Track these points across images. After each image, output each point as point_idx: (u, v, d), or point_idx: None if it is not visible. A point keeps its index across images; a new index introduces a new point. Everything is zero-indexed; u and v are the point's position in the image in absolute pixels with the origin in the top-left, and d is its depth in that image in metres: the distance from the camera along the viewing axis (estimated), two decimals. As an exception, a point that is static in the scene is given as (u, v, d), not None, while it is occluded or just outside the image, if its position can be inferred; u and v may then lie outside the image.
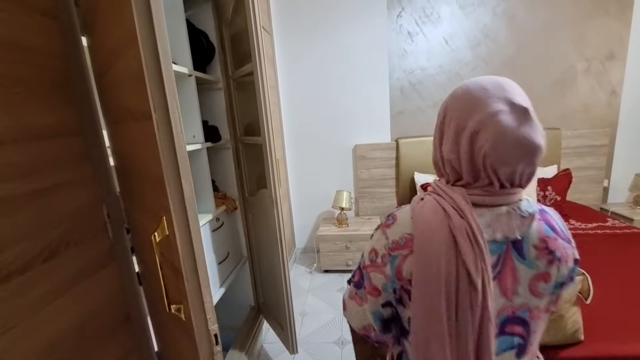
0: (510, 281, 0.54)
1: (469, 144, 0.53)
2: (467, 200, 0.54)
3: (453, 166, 0.56)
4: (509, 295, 0.55)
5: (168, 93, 0.64)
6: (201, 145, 1.47)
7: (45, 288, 0.74)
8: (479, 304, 0.51)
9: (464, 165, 0.54)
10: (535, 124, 0.55)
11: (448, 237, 0.52)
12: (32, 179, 0.73)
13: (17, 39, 0.72)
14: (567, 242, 0.57)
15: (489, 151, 0.51)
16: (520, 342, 0.57)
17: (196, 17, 1.64)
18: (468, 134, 0.53)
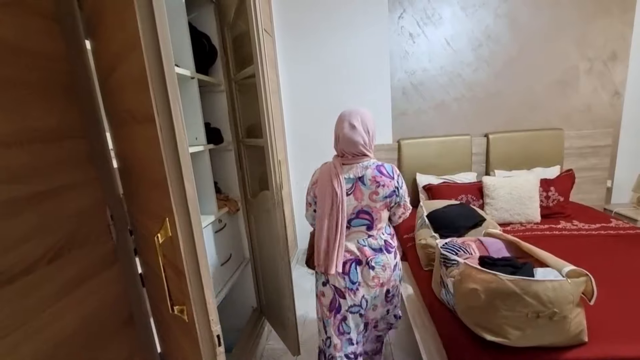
0: (359, 194, 1.25)
1: (336, 140, 1.28)
2: (339, 162, 1.26)
3: (335, 149, 1.31)
4: (359, 200, 1.25)
5: (171, 96, 0.65)
6: (203, 147, 1.48)
7: (49, 290, 0.75)
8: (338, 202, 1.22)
9: (337, 149, 1.29)
10: (358, 131, 1.22)
11: (328, 176, 1.25)
12: (36, 181, 0.74)
13: (21, 42, 0.73)
14: (389, 178, 1.24)
15: (341, 143, 1.25)
16: (368, 223, 1.28)
17: (198, 20, 1.65)
18: (336, 136, 1.28)
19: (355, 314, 1.31)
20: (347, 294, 1.28)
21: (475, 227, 1.90)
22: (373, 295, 1.31)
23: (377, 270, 1.28)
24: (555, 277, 1.06)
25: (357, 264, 1.28)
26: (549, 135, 2.72)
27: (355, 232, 1.28)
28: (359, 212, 1.26)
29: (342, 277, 1.27)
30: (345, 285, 1.28)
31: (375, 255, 1.28)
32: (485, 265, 1.21)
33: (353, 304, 1.29)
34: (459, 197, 2.46)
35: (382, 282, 1.30)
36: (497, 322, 1.08)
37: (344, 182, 1.23)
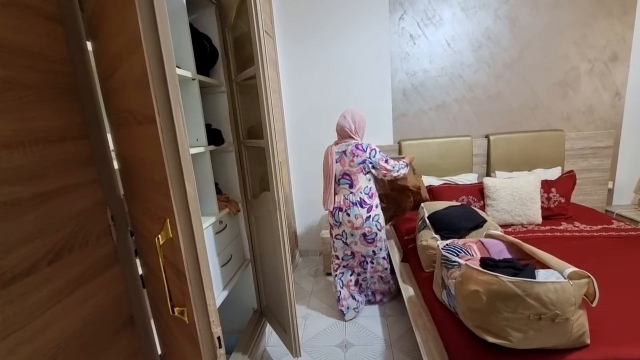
0: (343, 162, 2.01)
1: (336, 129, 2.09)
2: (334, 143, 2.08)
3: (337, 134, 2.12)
4: (343, 165, 2.01)
5: (172, 97, 0.65)
6: (204, 148, 1.48)
7: (49, 290, 0.75)
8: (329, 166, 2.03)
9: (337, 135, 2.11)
10: (347, 120, 2.01)
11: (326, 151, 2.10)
12: (38, 182, 0.74)
13: (23, 44, 0.73)
14: (362, 151, 1.96)
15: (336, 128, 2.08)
16: (349, 182, 2.01)
17: (199, 21, 1.66)
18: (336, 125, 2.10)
19: (339, 240, 2.14)
20: (334, 227, 2.12)
21: (477, 229, 1.90)
22: (350, 232, 2.07)
23: (351, 217, 2.01)
24: (557, 279, 1.06)
25: (339, 210, 2.04)
26: (550, 137, 2.71)
27: (342, 188, 2.05)
28: (343, 174, 2.03)
29: (331, 217, 2.11)
30: (333, 222, 2.11)
31: (351, 206, 2.01)
32: (487, 266, 1.20)
33: (337, 234, 2.13)
34: (460, 199, 2.46)
35: (356, 226, 2.02)
36: (498, 324, 1.08)
37: (335, 154, 2.04)
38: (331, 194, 2.04)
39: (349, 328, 2.11)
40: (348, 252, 2.17)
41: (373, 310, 2.29)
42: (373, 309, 2.31)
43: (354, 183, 2.00)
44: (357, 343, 1.97)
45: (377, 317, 2.21)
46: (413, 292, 1.89)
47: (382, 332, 2.05)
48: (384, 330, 2.06)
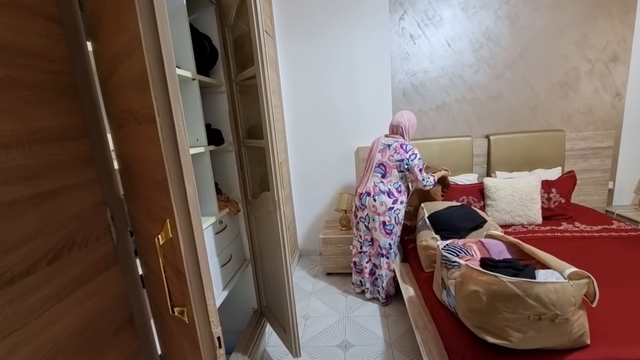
0: (384, 153, 2.19)
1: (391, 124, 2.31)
2: (384, 135, 2.29)
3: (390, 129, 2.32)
4: (382, 156, 2.20)
5: (172, 97, 0.65)
6: (204, 148, 1.48)
7: (49, 290, 0.75)
8: (372, 155, 2.26)
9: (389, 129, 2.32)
10: (402, 119, 2.22)
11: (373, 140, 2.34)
12: (37, 182, 0.74)
13: (23, 44, 0.73)
14: (404, 152, 2.13)
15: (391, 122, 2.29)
16: (382, 172, 2.20)
17: (199, 21, 1.66)
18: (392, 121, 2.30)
19: (362, 223, 2.28)
20: (359, 210, 2.27)
21: (477, 229, 1.90)
22: (372, 217, 2.20)
23: (376, 203, 2.16)
24: (557, 279, 1.06)
25: (367, 195, 2.20)
26: (550, 137, 2.71)
27: (375, 176, 2.22)
28: (380, 164, 2.21)
29: (358, 199, 2.26)
30: (358, 204, 2.26)
31: (379, 193, 2.16)
32: (487, 267, 1.20)
33: (361, 217, 2.27)
34: (460, 199, 2.46)
35: (378, 212, 2.17)
36: (498, 325, 1.08)
37: (381, 145, 2.24)
38: (368, 178, 2.22)
39: (349, 328, 2.11)
40: (369, 238, 2.29)
41: (373, 310, 2.29)
42: (373, 309, 2.31)
43: (386, 175, 2.18)
44: (357, 343, 1.97)
45: (377, 317, 2.21)
46: (413, 292, 1.89)
47: (382, 332, 2.05)
48: (384, 330, 2.06)
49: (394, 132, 2.23)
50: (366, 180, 2.23)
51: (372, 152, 2.24)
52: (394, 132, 2.23)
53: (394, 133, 2.23)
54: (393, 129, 2.24)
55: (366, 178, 2.23)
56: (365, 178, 2.24)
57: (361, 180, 2.29)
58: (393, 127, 2.24)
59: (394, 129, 2.23)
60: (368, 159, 2.27)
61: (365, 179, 2.24)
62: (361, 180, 2.29)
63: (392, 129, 2.25)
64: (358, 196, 2.25)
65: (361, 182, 2.28)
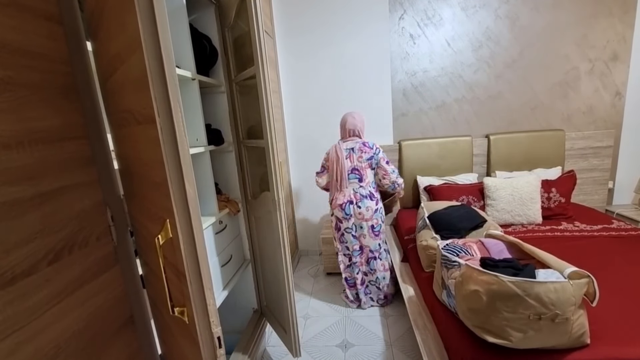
0: (352, 158, 2.14)
1: (342, 128, 2.23)
2: (342, 141, 2.21)
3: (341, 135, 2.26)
4: (352, 161, 2.14)
5: (171, 97, 0.65)
6: (204, 148, 1.48)
7: (49, 291, 0.75)
8: (340, 164, 2.13)
9: (341, 134, 2.24)
10: (356, 121, 2.18)
11: (334, 149, 2.18)
12: (37, 182, 0.74)
13: (23, 44, 0.73)
14: (369, 148, 2.13)
15: (346, 126, 2.18)
16: (358, 177, 2.14)
17: (199, 21, 1.66)
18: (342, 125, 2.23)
19: (349, 234, 2.19)
20: (343, 221, 2.18)
21: (477, 229, 1.90)
22: (359, 225, 2.16)
23: (362, 210, 2.13)
24: (557, 279, 1.06)
25: (350, 203, 2.14)
26: (550, 136, 2.71)
27: (351, 183, 2.16)
28: (352, 169, 2.15)
29: (340, 210, 2.16)
30: (342, 216, 2.16)
31: (361, 199, 2.13)
32: (487, 266, 1.20)
33: (346, 227, 2.18)
34: (460, 199, 2.46)
35: (366, 218, 2.14)
36: (498, 324, 1.08)
37: (344, 152, 2.15)
38: (343, 188, 2.14)
39: (349, 328, 2.11)
40: (357, 247, 2.21)
41: (373, 310, 2.29)
42: (373, 309, 2.31)
43: (363, 177, 2.14)
44: (357, 343, 1.97)
45: (377, 317, 2.21)
46: (413, 292, 1.89)
47: (382, 332, 2.05)
48: (384, 330, 2.06)
49: (350, 135, 2.17)
50: (342, 190, 2.14)
51: (338, 161, 2.13)
52: (350, 135, 2.17)
53: (350, 136, 2.18)
54: (349, 132, 2.17)
55: (342, 187, 2.14)
56: (341, 187, 2.14)
57: (335, 192, 2.18)
58: (349, 130, 2.17)
59: (350, 132, 2.17)
60: (335, 170, 2.14)
61: (341, 188, 2.14)
62: (335, 192, 2.18)
63: (348, 132, 2.17)
64: (339, 207, 2.14)
65: (336, 193, 2.17)
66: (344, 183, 2.13)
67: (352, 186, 2.14)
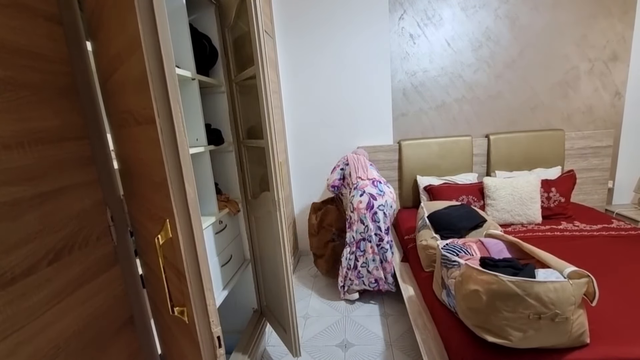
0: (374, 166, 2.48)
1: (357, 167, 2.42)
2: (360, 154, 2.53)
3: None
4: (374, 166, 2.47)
5: (171, 97, 0.65)
6: (204, 148, 1.48)
7: (49, 291, 0.75)
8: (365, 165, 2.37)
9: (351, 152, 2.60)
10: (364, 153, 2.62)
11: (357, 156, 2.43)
12: (38, 182, 0.74)
13: (23, 44, 0.73)
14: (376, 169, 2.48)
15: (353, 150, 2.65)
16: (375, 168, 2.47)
17: (199, 21, 1.66)
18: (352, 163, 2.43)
19: (381, 211, 2.18)
20: (377, 197, 2.18)
21: (476, 228, 1.90)
22: (390, 204, 2.21)
23: (391, 189, 2.27)
24: (556, 279, 1.06)
25: (379, 182, 2.24)
26: (550, 136, 2.71)
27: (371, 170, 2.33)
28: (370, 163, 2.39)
29: (373, 187, 2.21)
30: (376, 192, 2.19)
31: (387, 182, 2.30)
32: (487, 266, 1.20)
33: (380, 204, 2.18)
34: (460, 198, 2.46)
35: (394, 198, 2.25)
36: (498, 324, 1.08)
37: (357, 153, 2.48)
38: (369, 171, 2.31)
39: (349, 328, 2.11)
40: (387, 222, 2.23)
41: (373, 309, 2.30)
42: (373, 308, 2.31)
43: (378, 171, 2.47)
44: (357, 343, 1.97)
45: (377, 316, 2.21)
46: (413, 292, 1.89)
47: (382, 331, 2.05)
48: (384, 330, 2.06)
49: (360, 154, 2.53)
50: (367, 172, 2.30)
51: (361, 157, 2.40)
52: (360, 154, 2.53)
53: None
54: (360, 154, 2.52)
55: (366, 170, 2.31)
56: (365, 170, 2.31)
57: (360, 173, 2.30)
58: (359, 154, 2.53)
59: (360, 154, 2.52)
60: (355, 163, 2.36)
61: (365, 171, 2.30)
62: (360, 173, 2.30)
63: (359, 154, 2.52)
64: (370, 183, 2.22)
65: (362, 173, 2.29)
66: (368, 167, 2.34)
67: (374, 172, 2.35)
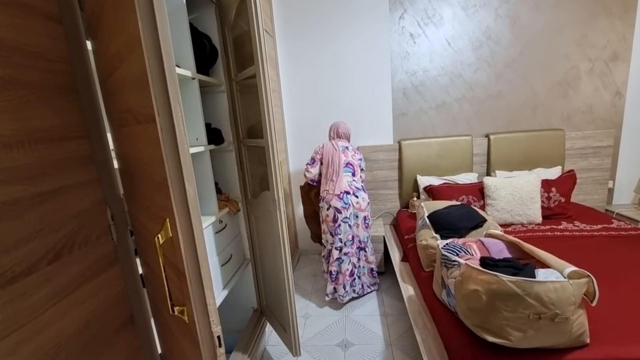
0: (346, 154, 2.33)
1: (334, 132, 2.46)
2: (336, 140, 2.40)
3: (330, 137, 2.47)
4: (347, 157, 2.32)
5: (171, 96, 0.65)
6: (204, 147, 1.48)
7: (49, 290, 0.75)
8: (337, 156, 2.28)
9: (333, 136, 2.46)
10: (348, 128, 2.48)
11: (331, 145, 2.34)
12: (38, 181, 0.74)
13: (23, 43, 0.73)
14: (359, 153, 2.45)
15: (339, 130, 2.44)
16: (351, 171, 2.32)
17: (199, 20, 1.65)
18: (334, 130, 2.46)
19: (346, 223, 2.24)
20: (341, 211, 2.21)
21: (477, 228, 1.90)
22: (355, 214, 2.25)
23: (359, 199, 2.25)
24: (556, 278, 1.06)
25: (347, 193, 2.23)
26: (550, 136, 2.71)
27: (345, 175, 2.29)
28: (347, 164, 2.31)
29: (339, 200, 2.21)
30: (341, 205, 2.21)
31: (357, 191, 2.26)
32: (487, 266, 1.20)
33: (344, 217, 2.22)
34: (460, 198, 2.46)
35: (362, 208, 2.27)
36: (498, 324, 1.08)
37: (340, 147, 2.33)
38: (340, 179, 2.25)
39: (349, 327, 2.11)
40: (350, 237, 2.28)
41: (373, 309, 2.30)
42: (373, 308, 2.31)
43: (355, 173, 2.34)
44: (357, 342, 1.97)
45: (377, 316, 2.21)
46: (413, 292, 1.89)
47: (382, 331, 2.05)
48: (384, 330, 2.06)
49: (342, 137, 2.42)
50: (338, 181, 2.24)
51: (334, 155, 2.28)
52: (342, 137, 2.42)
53: (342, 138, 2.42)
54: (341, 135, 2.42)
55: (336, 178, 2.24)
56: (336, 178, 2.25)
57: (329, 183, 2.26)
58: (341, 133, 2.42)
59: (342, 134, 2.42)
60: (329, 163, 2.28)
61: (335, 179, 2.24)
62: (329, 183, 2.26)
63: (340, 135, 2.42)
64: (336, 197, 2.20)
65: (330, 184, 2.25)
66: (341, 172, 2.25)
67: (346, 179, 2.27)
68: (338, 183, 2.23)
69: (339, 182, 2.23)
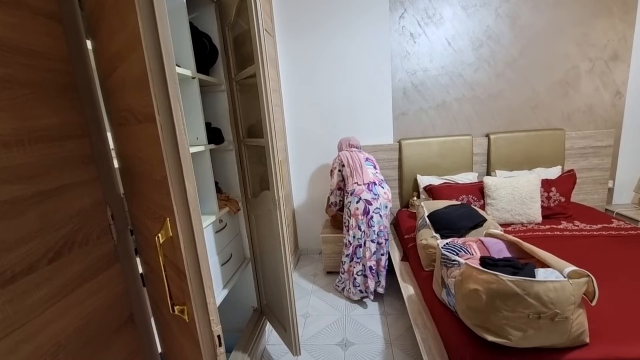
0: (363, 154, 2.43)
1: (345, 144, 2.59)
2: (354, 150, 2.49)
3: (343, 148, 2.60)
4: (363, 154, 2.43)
5: (172, 95, 0.65)
6: (204, 147, 1.48)
7: (49, 289, 0.75)
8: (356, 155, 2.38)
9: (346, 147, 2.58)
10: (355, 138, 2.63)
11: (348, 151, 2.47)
12: (38, 180, 0.74)
13: (22, 42, 0.73)
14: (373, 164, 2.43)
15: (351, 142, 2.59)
16: (372, 164, 2.41)
17: (199, 20, 1.65)
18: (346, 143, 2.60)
19: (377, 214, 2.23)
20: (372, 202, 2.21)
21: (477, 228, 1.90)
22: (384, 205, 2.25)
23: (385, 190, 2.28)
24: (556, 278, 1.06)
25: (374, 184, 2.25)
26: (550, 136, 2.71)
27: (367, 167, 2.33)
28: (367, 159, 2.40)
29: (368, 192, 2.22)
30: (371, 197, 2.21)
31: (382, 182, 2.31)
32: (487, 265, 1.21)
33: (376, 207, 2.22)
34: (460, 198, 2.46)
35: (389, 198, 2.28)
36: (498, 323, 1.08)
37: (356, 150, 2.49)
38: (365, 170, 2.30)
39: (349, 326, 2.12)
40: (382, 227, 2.28)
41: (373, 308, 2.30)
42: (373, 307, 2.31)
43: (376, 166, 2.44)
44: (357, 341, 1.97)
45: (377, 315, 2.22)
46: (413, 291, 1.89)
47: (382, 330, 2.05)
48: (384, 329, 2.06)
49: (353, 147, 2.55)
50: (363, 174, 2.28)
51: (353, 155, 2.38)
52: (353, 147, 2.55)
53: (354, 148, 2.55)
54: (353, 145, 2.56)
55: (361, 172, 2.29)
56: (361, 170, 2.29)
57: (356, 175, 2.29)
58: (353, 144, 2.56)
59: (354, 145, 2.56)
60: (349, 162, 2.35)
61: (361, 172, 2.29)
62: (356, 175, 2.29)
63: (352, 145, 2.56)
64: (366, 189, 2.21)
65: (356, 178, 2.28)
66: (364, 165, 2.32)
67: (369, 170, 2.33)
68: (365, 173, 2.28)
69: (365, 173, 2.29)
